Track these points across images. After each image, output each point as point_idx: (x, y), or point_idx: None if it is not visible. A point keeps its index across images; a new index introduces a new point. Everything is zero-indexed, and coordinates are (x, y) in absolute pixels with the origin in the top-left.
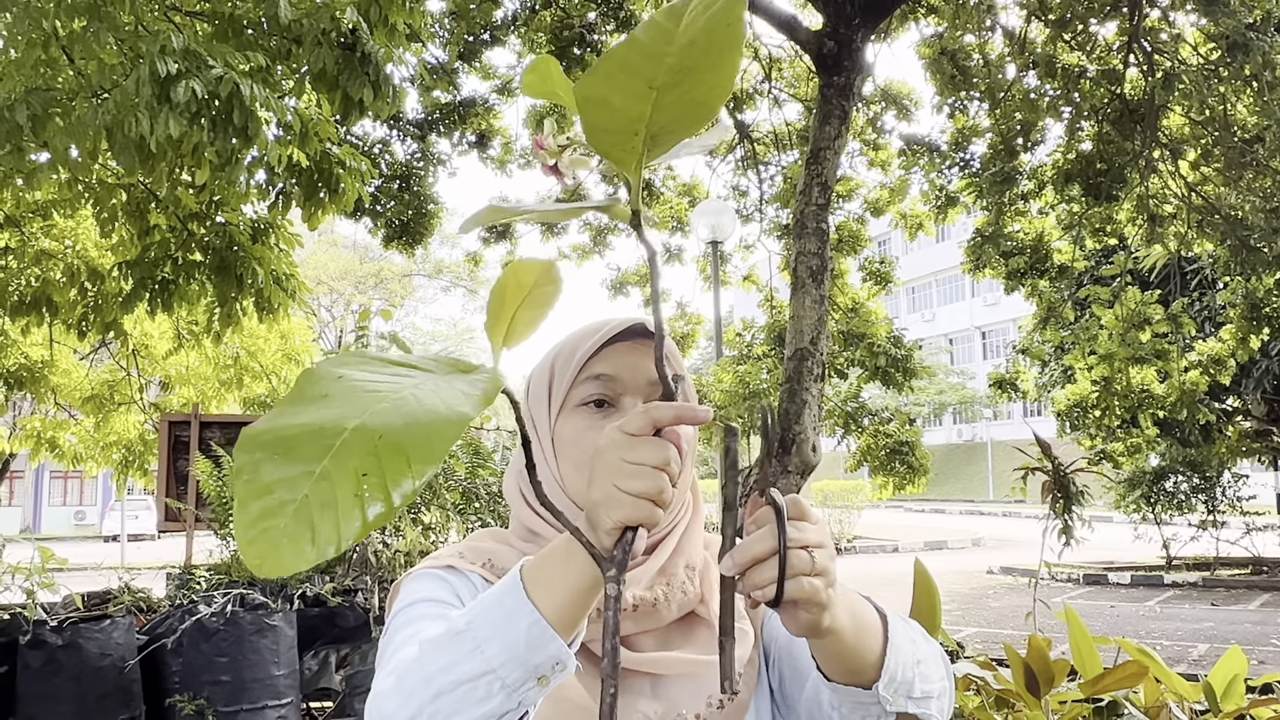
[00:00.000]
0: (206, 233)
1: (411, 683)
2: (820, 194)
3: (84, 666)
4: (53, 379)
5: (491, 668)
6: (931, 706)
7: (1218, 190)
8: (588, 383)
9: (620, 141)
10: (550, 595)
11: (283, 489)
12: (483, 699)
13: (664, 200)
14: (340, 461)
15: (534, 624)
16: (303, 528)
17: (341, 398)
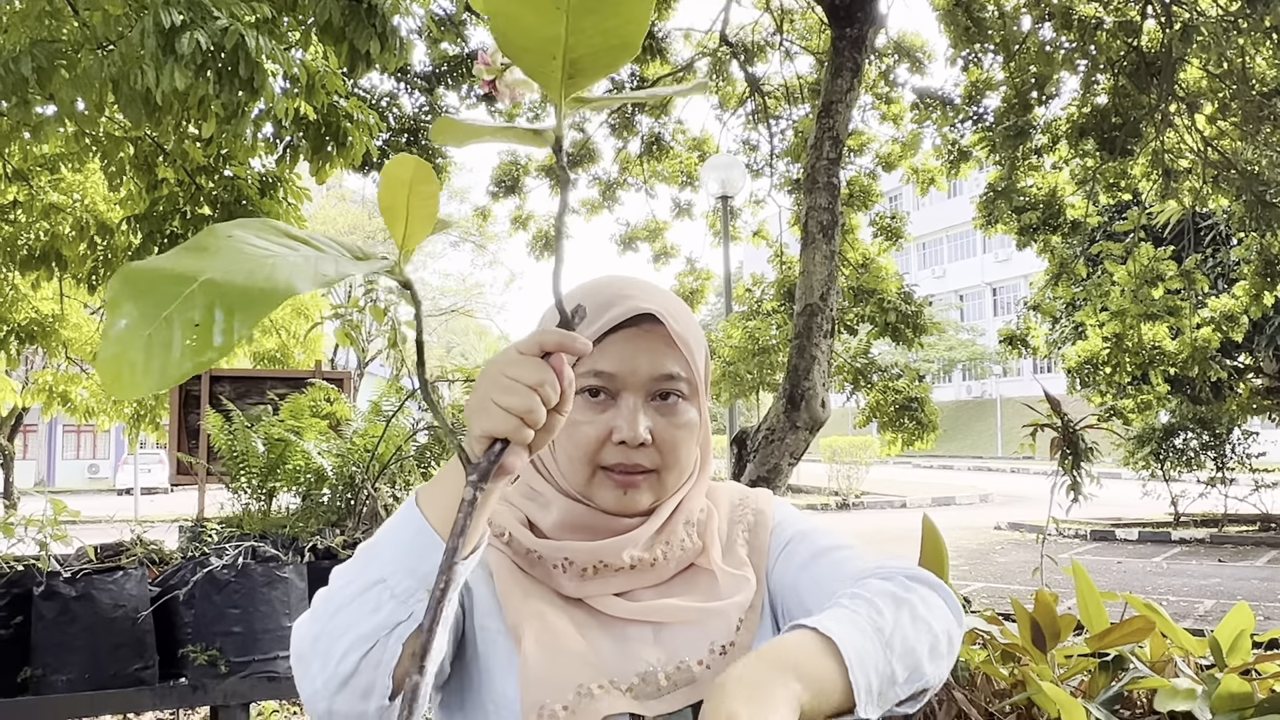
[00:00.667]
0: (215, 186)
1: (317, 607)
2: (832, 148)
3: (97, 617)
4: (63, 333)
5: (382, 576)
6: (925, 672)
7: (1234, 145)
8: (588, 376)
9: (540, 64)
10: (437, 506)
11: (135, 323)
12: (374, 609)
13: (674, 155)
14: (182, 310)
15: (420, 531)
16: (142, 361)
17: (217, 253)
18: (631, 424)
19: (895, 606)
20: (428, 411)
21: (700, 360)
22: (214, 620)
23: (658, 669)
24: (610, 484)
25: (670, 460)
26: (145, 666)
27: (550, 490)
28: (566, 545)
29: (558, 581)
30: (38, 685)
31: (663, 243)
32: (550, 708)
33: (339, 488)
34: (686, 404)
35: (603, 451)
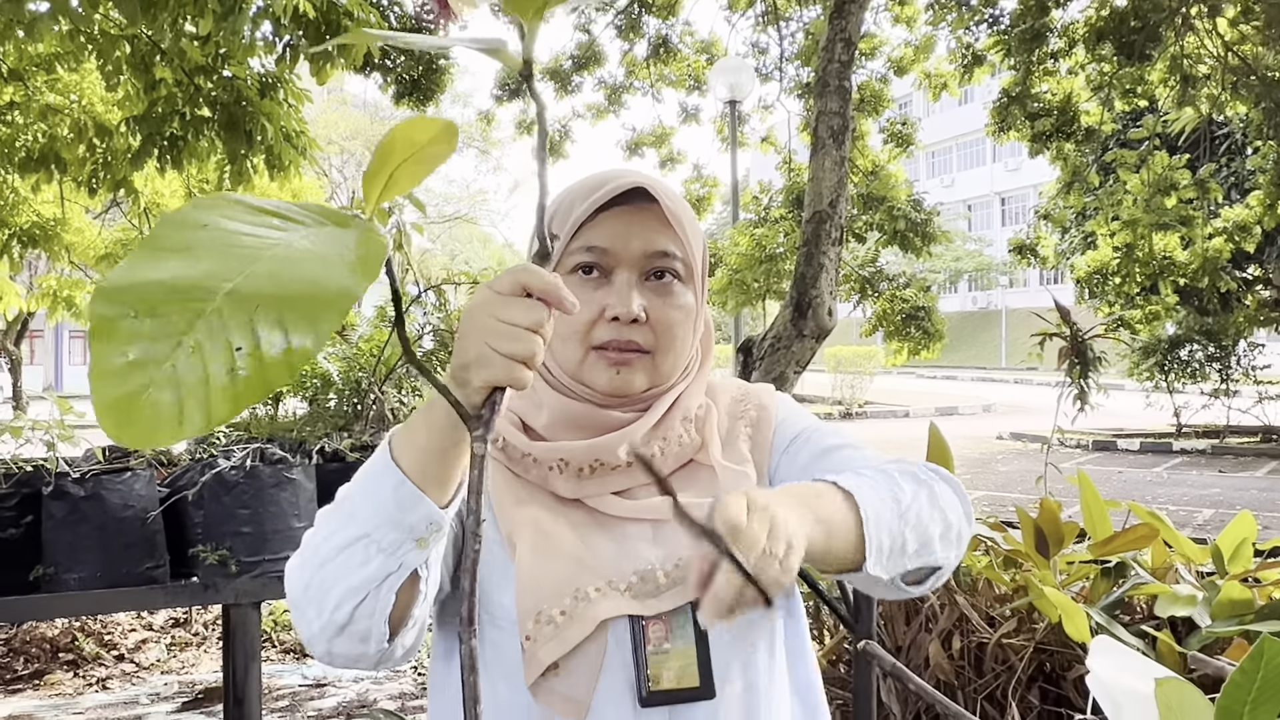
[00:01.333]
0: (214, 87)
1: (306, 553)
2: (844, 50)
3: (107, 517)
4: (66, 237)
5: (365, 531)
6: (935, 550)
7: (1255, 50)
8: (580, 252)
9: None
10: (414, 456)
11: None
12: (361, 563)
13: (680, 58)
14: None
15: (399, 485)
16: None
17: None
18: (624, 299)
19: (915, 486)
20: (432, 314)
21: (696, 247)
22: (223, 520)
23: (656, 567)
24: (603, 363)
25: (665, 342)
26: (156, 565)
27: (542, 386)
28: (561, 446)
29: (554, 484)
30: (50, 583)
31: (669, 149)
32: (547, 613)
33: (345, 392)
34: (683, 286)
35: (595, 330)
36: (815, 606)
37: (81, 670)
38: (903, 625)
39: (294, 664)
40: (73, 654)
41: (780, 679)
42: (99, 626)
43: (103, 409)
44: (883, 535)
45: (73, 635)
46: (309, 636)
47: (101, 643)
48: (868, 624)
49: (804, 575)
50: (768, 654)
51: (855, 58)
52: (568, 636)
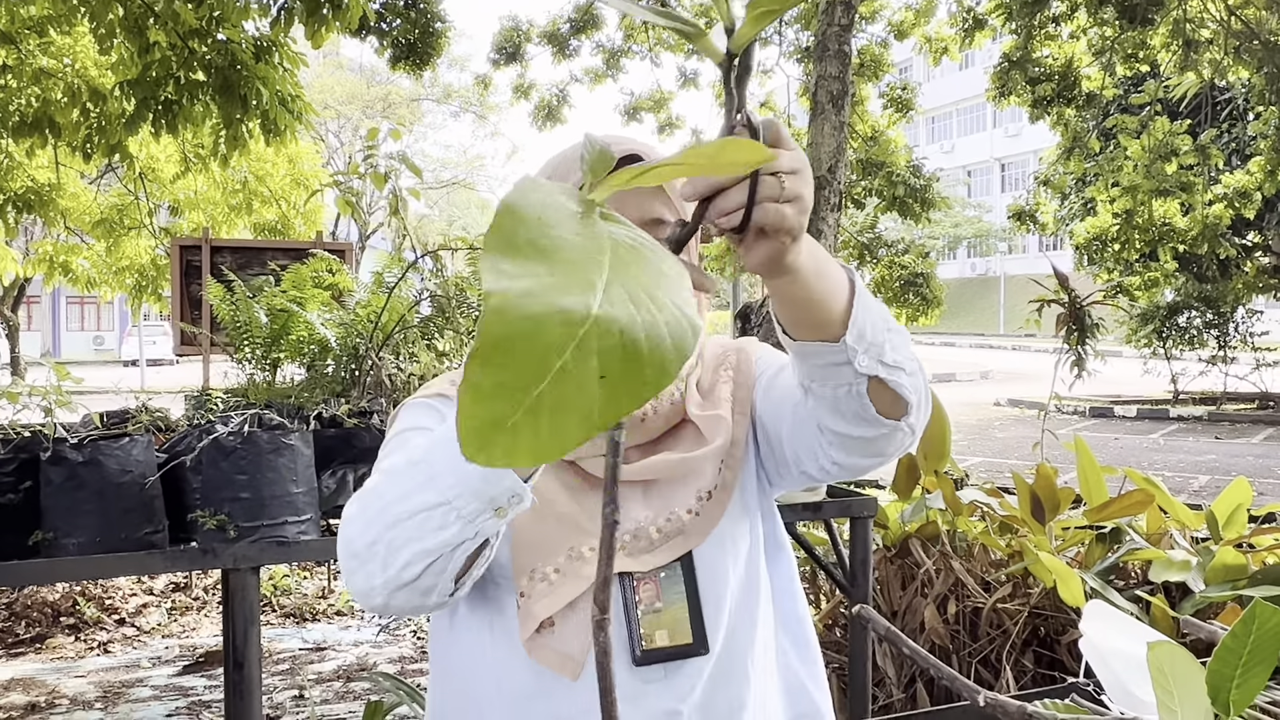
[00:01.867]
0: (208, 51)
1: (372, 510)
2: (844, 14)
3: (105, 482)
4: (61, 202)
5: (447, 499)
6: (903, 379)
7: (1259, 14)
8: None
9: None
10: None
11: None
12: (439, 528)
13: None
14: (581, 357)
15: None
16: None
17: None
18: None
19: (887, 315)
20: (430, 280)
21: (688, 211)
22: (222, 486)
23: (648, 524)
24: None
25: None
26: (155, 530)
27: None
28: None
29: None
30: (50, 548)
31: (668, 113)
32: (541, 570)
33: (343, 358)
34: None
35: None
36: (812, 571)
37: (83, 634)
38: (898, 590)
39: (294, 628)
40: (74, 618)
41: (767, 615)
42: (100, 591)
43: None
44: (867, 321)
45: (74, 600)
46: (366, 589)
47: (102, 607)
48: (863, 588)
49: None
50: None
51: (855, 21)
52: (562, 593)
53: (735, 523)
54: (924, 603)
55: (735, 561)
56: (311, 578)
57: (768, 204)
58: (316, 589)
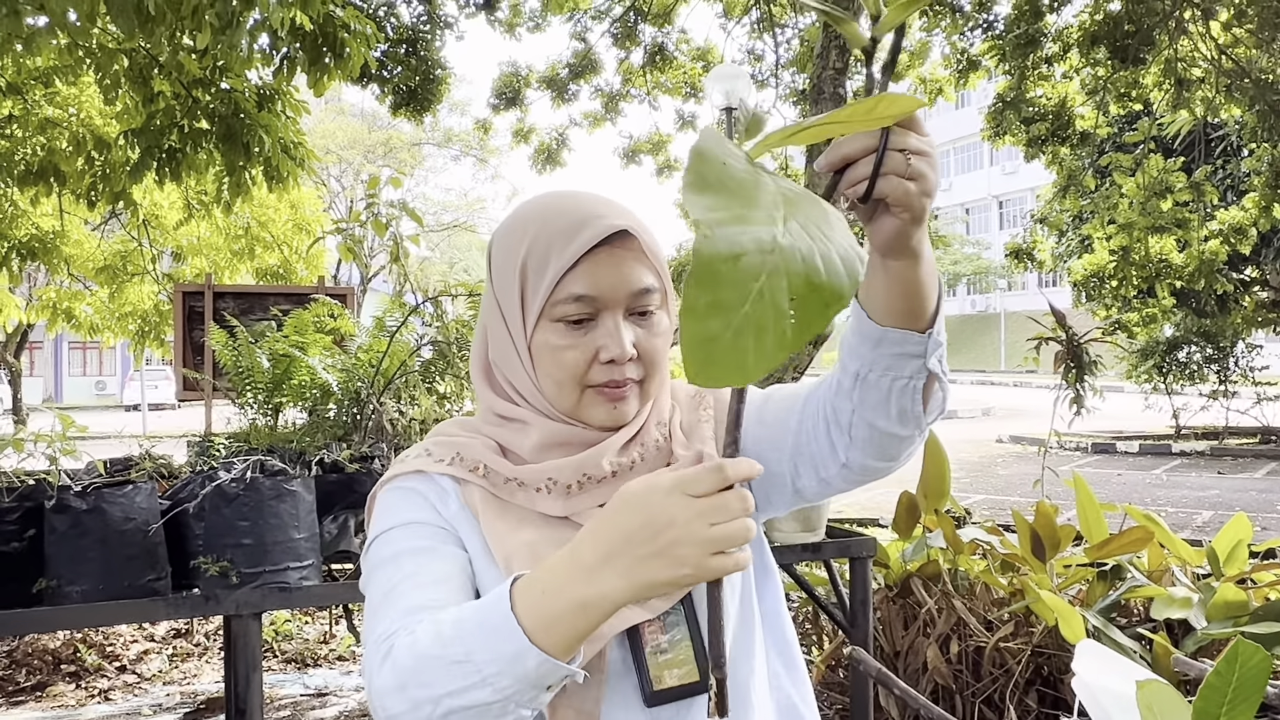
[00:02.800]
0: (212, 100)
1: (419, 696)
2: (838, 58)
3: (109, 530)
4: (65, 249)
5: (504, 696)
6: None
7: (1249, 53)
8: (567, 302)
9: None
10: (557, 635)
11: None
12: (498, 716)
13: (677, 65)
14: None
15: (543, 663)
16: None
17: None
18: (618, 342)
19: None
20: (431, 324)
21: (665, 268)
22: (224, 532)
23: None
24: (601, 400)
25: (653, 369)
26: (158, 577)
27: (528, 413)
28: (548, 465)
29: (540, 504)
30: (53, 596)
31: (666, 156)
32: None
33: (345, 403)
34: (661, 313)
35: (590, 372)
36: (813, 612)
37: (83, 681)
38: (901, 630)
39: (295, 673)
40: (75, 665)
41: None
42: (101, 638)
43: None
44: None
45: (75, 647)
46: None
47: (103, 654)
48: (864, 629)
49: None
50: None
51: (850, 64)
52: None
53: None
54: (926, 642)
55: (731, 592)
56: (313, 623)
57: (892, 176)
58: (318, 634)
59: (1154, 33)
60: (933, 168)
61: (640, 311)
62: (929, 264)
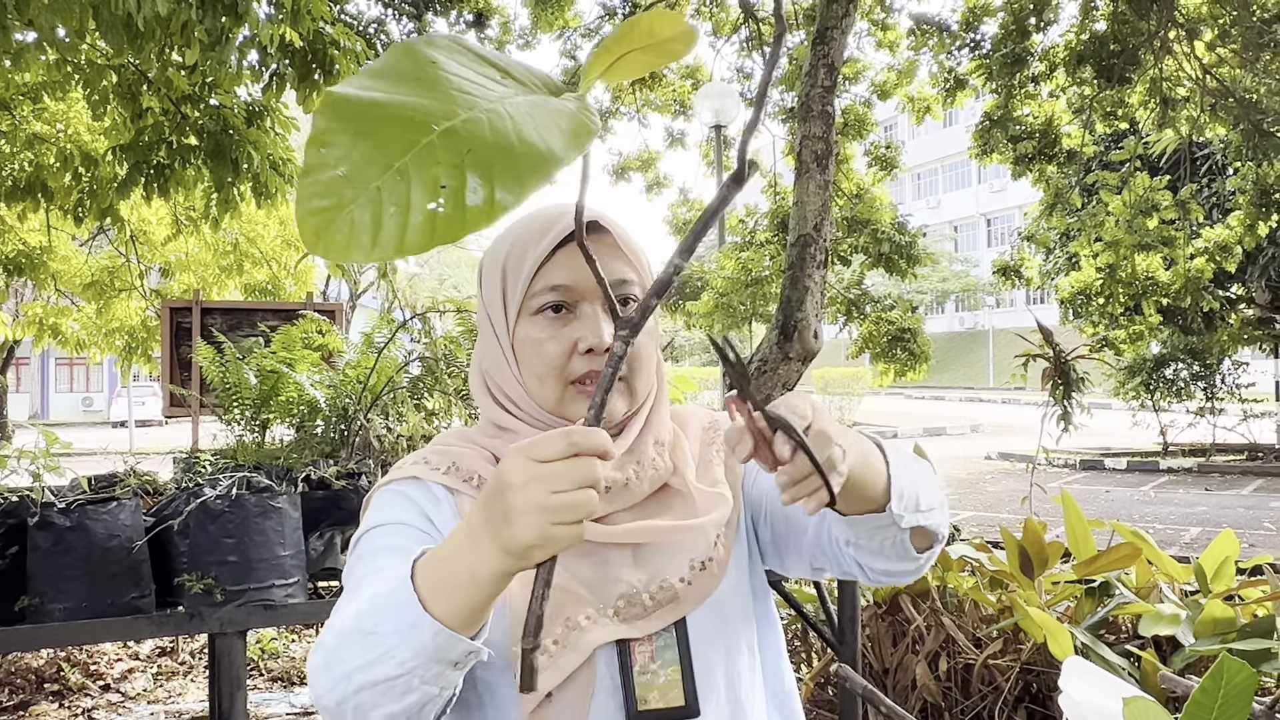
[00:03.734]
0: (200, 116)
1: (336, 672)
2: (826, 76)
3: (92, 547)
4: (52, 265)
5: (406, 670)
6: (935, 517)
7: (1233, 73)
8: (544, 293)
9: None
10: (451, 604)
11: (356, 170)
12: (403, 693)
13: (666, 83)
14: (422, 164)
15: (439, 633)
16: (368, 221)
17: (431, 87)
18: (595, 331)
19: (914, 460)
20: (419, 340)
21: (645, 270)
22: (209, 550)
23: (640, 590)
24: (583, 395)
25: (636, 364)
26: (142, 595)
27: (519, 423)
28: None
29: None
30: (35, 614)
31: (655, 173)
32: (540, 643)
33: (332, 419)
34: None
35: (570, 364)
36: (802, 629)
37: (67, 701)
38: (889, 647)
39: (281, 692)
40: (58, 684)
41: (759, 689)
42: (85, 656)
43: (303, 217)
44: (903, 483)
45: (58, 665)
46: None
47: (87, 673)
48: (852, 646)
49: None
50: (749, 668)
51: (838, 82)
52: (563, 665)
53: (729, 595)
54: (915, 660)
55: (730, 632)
56: (299, 640)
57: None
58: (304, 652)
59: (1139, 52)
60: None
61: (620, 302)
62: (863, 469)
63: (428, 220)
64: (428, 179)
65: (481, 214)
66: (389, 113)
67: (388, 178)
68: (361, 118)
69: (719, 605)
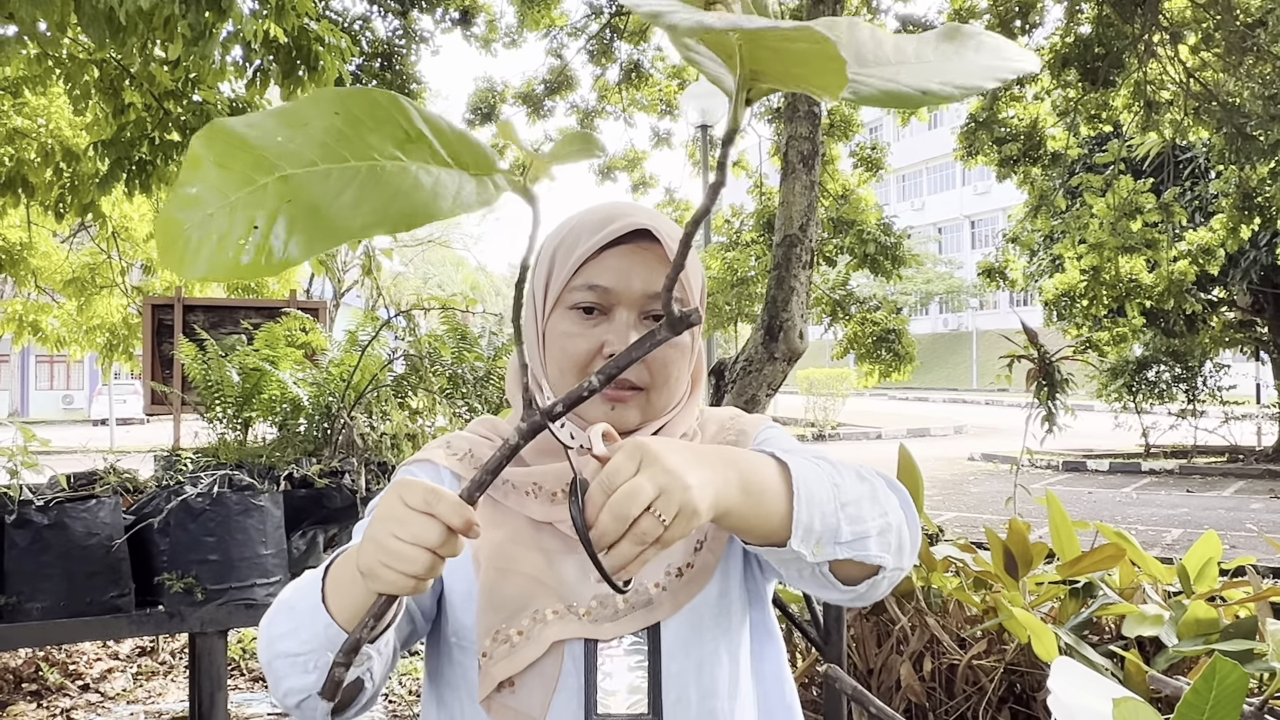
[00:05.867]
0: (183, 112)
1: (265, 634)
2: None
3: (71, 545)
4: (32, 261)
5: (304, 651)
6: (870, 546)
7: (1216, 76)
8: (582, 290)
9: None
10: (344, 602)
11: (202, 195)
12: (302, 673)
13: (652, 83)
14: (250, 203)
15: (329, 625)
16: (194, 241)
17: (309, 138)
18: (623, 338)
19: (858, 480)
20: (403, 338)
21: (695, 285)
22: (189, 548)
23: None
24: (600, 399)
25: (660, 380)
26: (121, 594)
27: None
28: (535, 470)
29: (530, 508)
30: (13, 612)
31: (641, 173)
32: (505, 632)
33: (315, 418)
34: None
35: (593, 365)
36: (788, 629)
37: (45, 701)
38: (874, 647)
39: (262, 692)
40: (36, 684)
41: (743, 702)
42: (63, 656)
43: (159, 224)
44: (813, 514)
45: (36, 665)
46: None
47: (66, 672)
48: (837, 646)
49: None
50: (730, 678)
51: None
52: (521, 656)
53: (713, 605)
54: (899, 660)
55: (711, 643)
56: None
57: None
58: None
59: (1124, 56)
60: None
61: (655, 315)
62: (748, 502)
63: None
64: (247, 217)
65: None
66: (249, 151)
67: (221, 208)
68: (226, 148)
69: (698, 613)
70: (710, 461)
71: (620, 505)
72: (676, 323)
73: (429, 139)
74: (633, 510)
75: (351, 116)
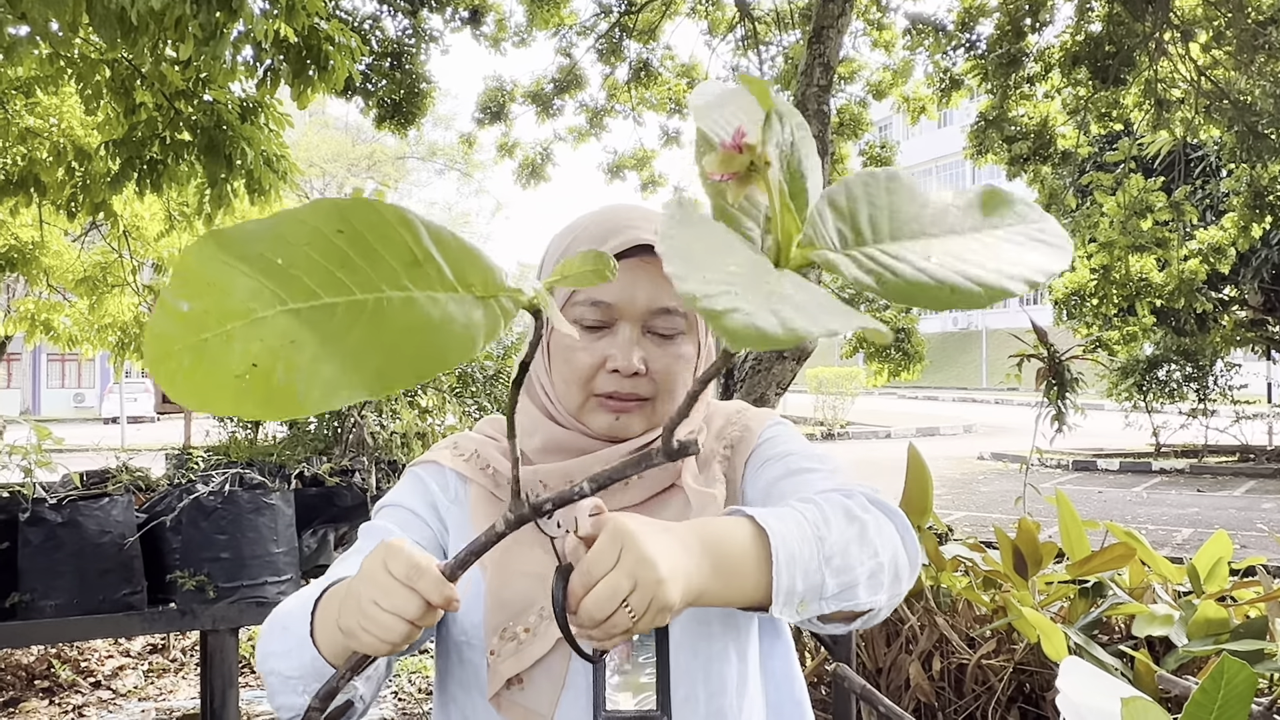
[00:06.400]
0: (194, 111)
1: (261, 648)
2: (822, 75)
3: (84, 543)
4: (44, 260)
5: (294, 675)
6: (859, 594)
7: (1228, 75)
8: (584, 305)
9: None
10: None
11: (195, 317)
12: (293, 694)
13: (661, 81)
14: (246, 334)
15: (315, 659)
16: (187, 366)
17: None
18: (626, 353)
19: (846, 522)
20: None
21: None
22: (201, 546)
23: None
24: (603, 410)
25: (665, 390)
26: (133, 592)
27: (538, 417)
28: (540, 469)
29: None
30: (26, 610)
31: (650, 171)
32: (512, 630)
33: (325, 416)
34: (684, 338)
35: (597, 379)
36: (795, 629)
37: (57, 698)
38: (883, 647)
39: None
40: (48, 681)
41: (752, 699)
42: (75, 653)
43: (148, 332)
44: (795, 579)
45: (49, 662)
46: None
47: (78, 669)
48: (846, 645)
49: None
50: (739, 676)
51: (834, 82)
52: (528, 653)
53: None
54: (908, 659)
55: (719, 641)
56: None
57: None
58: None
59: (1134, 54)
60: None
61: (663, 333)
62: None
63: (227, 389)
64: (245, 352)
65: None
66: (245, 275)
67: (216, 336)
68: (222, 269)
69: (706, 611)
70: (686, 544)
71: (598, 606)
72: (673, 453)
73: (436, 260)
74: (609, 609)
75: (355, 234)
